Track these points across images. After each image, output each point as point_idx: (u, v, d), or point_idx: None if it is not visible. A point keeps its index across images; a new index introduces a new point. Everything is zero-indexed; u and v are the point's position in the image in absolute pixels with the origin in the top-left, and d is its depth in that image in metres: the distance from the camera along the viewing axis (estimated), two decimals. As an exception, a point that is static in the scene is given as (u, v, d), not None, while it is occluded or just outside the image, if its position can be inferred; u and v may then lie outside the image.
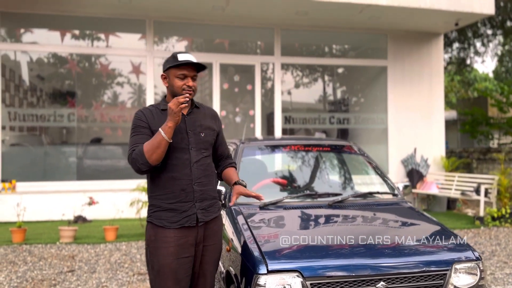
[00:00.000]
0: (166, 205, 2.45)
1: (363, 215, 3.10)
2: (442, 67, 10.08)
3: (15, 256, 5.61)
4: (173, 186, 2.44)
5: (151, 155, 2.33)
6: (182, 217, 2.44)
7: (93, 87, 9.42)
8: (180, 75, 2.44)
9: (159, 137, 2.32)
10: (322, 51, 10.44)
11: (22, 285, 4.55)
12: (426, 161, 9.49)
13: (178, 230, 2.43)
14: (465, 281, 2.63)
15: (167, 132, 2.31)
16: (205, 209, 2.51)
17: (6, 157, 8.05)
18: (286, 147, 3.85)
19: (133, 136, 2.45)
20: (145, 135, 2.43)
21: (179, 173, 2.44)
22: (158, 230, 2.45)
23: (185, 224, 2.44)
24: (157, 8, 8.11)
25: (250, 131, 9.11)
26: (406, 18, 8.79)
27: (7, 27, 8.31)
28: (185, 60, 2.42)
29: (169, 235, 2.42)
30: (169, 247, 2.41)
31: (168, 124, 2.31)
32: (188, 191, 2.45)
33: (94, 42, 9.05)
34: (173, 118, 2.30)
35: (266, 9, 8.20)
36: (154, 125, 2.44)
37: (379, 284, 2.46)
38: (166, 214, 2.44)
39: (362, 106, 10.65)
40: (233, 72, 9.42)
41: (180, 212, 2.44)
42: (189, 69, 2.44)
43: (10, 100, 8.54)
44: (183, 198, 2.45)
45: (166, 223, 2.43)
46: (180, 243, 2.43)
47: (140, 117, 2.48)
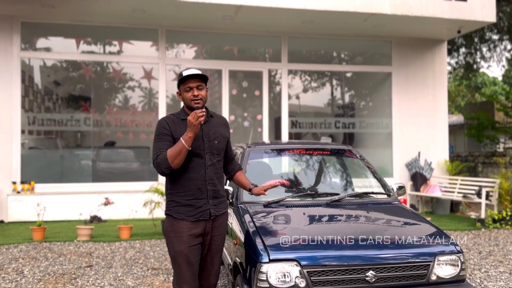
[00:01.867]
0: (184, 201, 2.84)
1: (357, 213, 3.40)
2: (445, 73, 10.32)
3: (37, 253, 5.98)
4: (190, 185, 2.84)
5: (173, 161, 2.71)
6: (198, 212, 2.84)
7: (107, 92, 9.81)
8: (186, 88, 2.82)
9: (180, 145, 2.70)
10: (328, 57, 10.74)
11: (45, 278, 4.91)
12: (430, 164, 9.73)
13: (192, 222, 2.84)
14: (447, 272, 2.91)
15: (187, 141, 2.69)
16: (216, 205, 2.91)
17: (25, 160, 8.46)
18: (289, 151, 4.17)
19: (157, 142, 2.83)
20: (167, 141, 2.80)
21: (196, 174, 2.84)
22: (174, 222, 2.86)
23: (200, 218, 2.85)
24: (169, 17, 8.49)
25: (257, 135, 9.44)
26: (409, 25, 9.06)
27: (27, 35, 8.74)
28: (186, 74, 2.80)
29: (183, 226, 2.83)
30: (183, 237, 2.82)
31: (189, 135, 2.69)
32: (203, 190, 2.86)
33: (108, 49, 9.45)
34: (192, 130, 2.68)
35: (274, 19, 8.54)
36: (176, 133, 2.82)
37: (368, 272, 2.76)
38: (184, 209, 2.84)
39: (367, 111, 10.93)
40: (242, 78, 9.77)
41: (196, 207, 2.84)
42: (192, 82, 2.81)
43: (29, 105, 8.97)
44: (198, 195, 2.85)
45: (184, 217, 2.84)
46: (191, 233, 2.83)
47: (164, 126, 2.85)
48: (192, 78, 2.80)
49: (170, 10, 8.09)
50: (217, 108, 9.41)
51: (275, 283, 2.70)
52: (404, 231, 3.15)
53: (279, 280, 2.71)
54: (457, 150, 18.33)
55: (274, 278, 2.70)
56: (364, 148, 10.30)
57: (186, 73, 2.81)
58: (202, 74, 2.82)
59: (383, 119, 10.20)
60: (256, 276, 2.73)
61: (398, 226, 3.28)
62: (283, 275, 2.71)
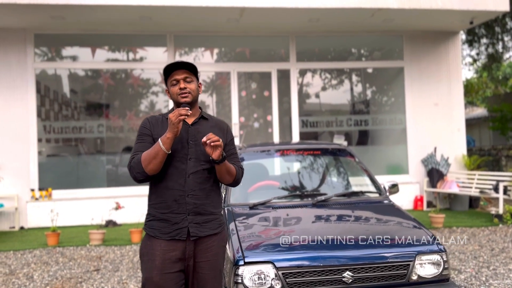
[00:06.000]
0: (160, 214, 2.42)
1: (341, 213, 3.38)
2: (460, 65, 10.06)
3: (49, 258, 6.17)
4: (166, 195, 2.41)
5: (147, 165, 2.32)
6: (174, 229, 2.39)
7: (121, 100, 10.02)
8: (172, 81, 2.45)
9: (156, 147, 2.31)
10: (338, 55, 10.63)
11: (52, 282, 5.06)
12: (446, 160, 9.50)
13: (167, 242, 2.39)
14: (429, 271, 2.85)
15: (165, 143, 2.29)
16: (199, 223, 2.42)
17: (42, 167, 8.73)
18: (279, 151, 4.17)
19: (136, 143, 2.48)
20: (147, 143, 2.43)
21: (174, 183, 2.40)
22: (147, 241, 2.45)
23: (176, 236, 2.38)
24: (176, 23, 8.60)
25: (268, 136, 9.44)
26: (419, 19, 8.87)
27: (41, 47, 9.03)
28: (170, 64, 2.44)
29: (156, 247, 2.39)
30: (155, 260, 2.37)
31: (167, 135, 2.29)
32: (181, 202, 2.40)
33: (122, 57, 9.64)
34: (172, 129, 2.28)
35: (279, 19, 8.52)
36: (156, 133, 2.44)
37: (345, 273, 2.73)
38: (158, 224, 2.42)
39: (380, 107, 10.76)
40: (250, 79, 9.80)
41: (172, 223, 2.39)
42: (179, 73, 2.43)
43: (46, 114, 9.25)
44: (175, 209, 2.40)
45: (158, 234, 2.40)
46: (166, 257, 2.37)
47: (145, 125, 2.50)
48: (178, 69, 2.43)
49: (175, 16, 8.20)
50: (226, 110, 9.47)
51: (251, 285, 2.71)
52: (386, 230, 3.11)
53: (255, 282, 2.72)
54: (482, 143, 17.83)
55: (248, 279, 2.71)
56: (378, 145, 10.16)
57: (170, 64, 2.44)
58: (189, 64, 2.44)
59: (397, 115, 10.03)
60: (232, 279, 2.75)
61: (380, 226, 3.23)
62: (258, 277, 2.72)
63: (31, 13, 7.79)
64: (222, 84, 9.84)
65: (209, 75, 9.95)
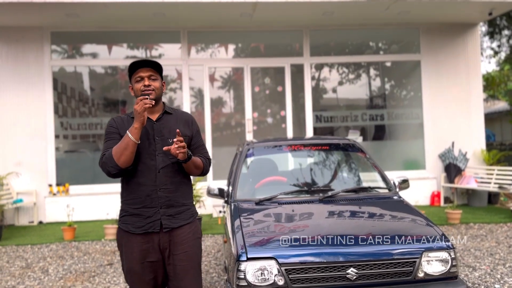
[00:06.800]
0: (132, 210, 2.50)
1: (348, 209, 3.33)
2: (479, 58, 9.81)
3: (64, 252, 6.29)
4: (139, 191, 2.48)
5: (119, 157, 2.38)
6: (146, 223, 2.48)
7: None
8: (137, 78, 2.53)
9: (126, 139, 2.38)
10: (353, 49, 10.49)
11: (66, 276, 5.15)
12: (465, 155, 9.30)
13: (142, 235, 2.48)
14: (436, 269, 2.79)
15: (134, 133, 2.37)
16: (171, 215, 2.51)
17: (60, 163, 8.89)
18: (286, 147, 4.14)
19: (105, 142, 2.55)
20: (115, 140, 2.49)
21: (145, 179, 2.48)
22: (124, 235, 2.54)
23: (149, 230, 2.47)
24: (189, 19, 8.62)
25: (282, 132, 9.40)
26: (436, 10, 8.69)
27: (57, 45, 9.17)
28: (135, 61, 2.53)
29: (133, 240, 2.49)
30: (133, 252, 2.48)
31: (135, 125, 2.37)
32: (153, 197, 2.48)
33: (140, 54, 9.71)
34: (138, 119, 2.36)
35: (292, 13, 8.45)
36: (123, 131, 2.50)
37: (349, 270, 2.70)
38: (132, 219, 2.50)
39: (397, 101, 10.59)
40: (266, 75, 9.76)
41: (145, 217, 2.48)
42: (144, 71, 2.52)
43: (63, 111, 9.40)
44: (148, 203, 2.48)
45: (132, 228, 2.50)
46: (144, 248, 2.48)
47: (111, 124, 2.58)
48: (143, 66, 2.52)
49: (188, 12, 8.21)
50: (240, 106, 9.46)
51: (253, 281, 2.70)
52: (392, 226, 3.05)
53: (258, 278, 2.70)
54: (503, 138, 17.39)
55: (251, 275, 2.70)
56: (394, 140, 10.02)
57: (136, 62, 2.53)
58: (154, 62, 2.54)
59: (414, 109, 9.86)
60: (235, 274, 2.74)
61: (387, 221, 3.17)
62: (261, 273, 2.71)
63: (47, 11, 7.90)
64: (237, 80, 9.82)
65: (226, 71, 9.95)
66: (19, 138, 8.62)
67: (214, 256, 5.77)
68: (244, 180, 3.84)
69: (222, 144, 9.43)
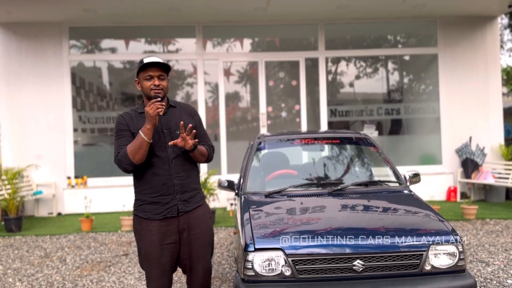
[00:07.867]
0: (150, 198, 2.72)
1: (357, 202, 3.34)
2: (498, 51, 9.63)
3: (82, 242, 6.45)
4: (155, 181, 2.69)
5: (134, 156, 2.60)
6: (165, 209, 2.71)
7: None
8: (146, 76, 2.68)
9: (140, 139, 2.58)
10: (369, 42, 10.40)
11: (83, 265, 5.29)
12: (482, 150, 9.17)
13: (161, 220, 2.71)
14: (444, 262, 2.79)
15: (146, 134, 2.57)
16: (186, 200, 2.76)
17: (78, 156, 9.08)
18: (298, 140, 4.16)
19: (117, 139, 2.74)
20: (127, 137, 2.69)
21: (159, 169, 2.69)
22: (142, 221, 2.75)
23: (168, 215, 2.71)
24: (203, 13, 8.67)
25: (296, 126, 9.40)
26: (454, 3, 8.56)
27: (75, 40, 9.33)
28: (147, 61, 2.65)
29: (152, 224, 2.71)
30: (153, 235, 2.70)
31: (147, 127, 2.57)
32: (169, 185, 2.70)
33: (158, 49, 9.82)
34: (150, 121, 2.56)
35: (307, 6, 8.43)
36: (133, 127, 2.70)
37: (355, 261, 2.72)
38: (150, 207, 2.72)
39: (413, 95, 10.49)
40: (281, 69, 9.76)
41: (163, 204, 2.71)
42: (153, 70, 2.67)
43: (81, 104, 9.59)
44: (164, 191, 2.70)
45: (151, 215, 2.71)
46: (163, 231, 2.71)
47: (121, 121, 2.75)
48: (154, 66, 2.66)
49: (202, 6, 8.26)
50: (254, 100, 9.49)
51: (260, 271, 2.75)
52: (400, 219, 3.06)
53: (265, 268, 2.75)
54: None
55: (259, 265, 2.74)
56: (411, 134, 9.93)
57: (147, 60, 2.66)
58: (164, 63, 2.69)
59: (430, 104, 9.75)
60: (243, 265, 2.79)
61: (395, 215, 3.18)
62: (269, 263, 2.75)
63: (65, 7, 8.06)
64: (253, 74, 9.85)
65: (241, 66, 9.98)
66: (38, 132, 8.83)
67: (226, 248, 5.85)
68: (255, 173, 3.88)
69: (237, 138, 9.49)
